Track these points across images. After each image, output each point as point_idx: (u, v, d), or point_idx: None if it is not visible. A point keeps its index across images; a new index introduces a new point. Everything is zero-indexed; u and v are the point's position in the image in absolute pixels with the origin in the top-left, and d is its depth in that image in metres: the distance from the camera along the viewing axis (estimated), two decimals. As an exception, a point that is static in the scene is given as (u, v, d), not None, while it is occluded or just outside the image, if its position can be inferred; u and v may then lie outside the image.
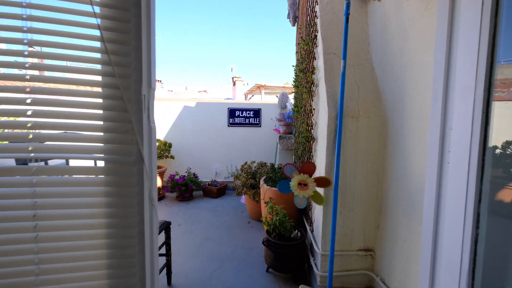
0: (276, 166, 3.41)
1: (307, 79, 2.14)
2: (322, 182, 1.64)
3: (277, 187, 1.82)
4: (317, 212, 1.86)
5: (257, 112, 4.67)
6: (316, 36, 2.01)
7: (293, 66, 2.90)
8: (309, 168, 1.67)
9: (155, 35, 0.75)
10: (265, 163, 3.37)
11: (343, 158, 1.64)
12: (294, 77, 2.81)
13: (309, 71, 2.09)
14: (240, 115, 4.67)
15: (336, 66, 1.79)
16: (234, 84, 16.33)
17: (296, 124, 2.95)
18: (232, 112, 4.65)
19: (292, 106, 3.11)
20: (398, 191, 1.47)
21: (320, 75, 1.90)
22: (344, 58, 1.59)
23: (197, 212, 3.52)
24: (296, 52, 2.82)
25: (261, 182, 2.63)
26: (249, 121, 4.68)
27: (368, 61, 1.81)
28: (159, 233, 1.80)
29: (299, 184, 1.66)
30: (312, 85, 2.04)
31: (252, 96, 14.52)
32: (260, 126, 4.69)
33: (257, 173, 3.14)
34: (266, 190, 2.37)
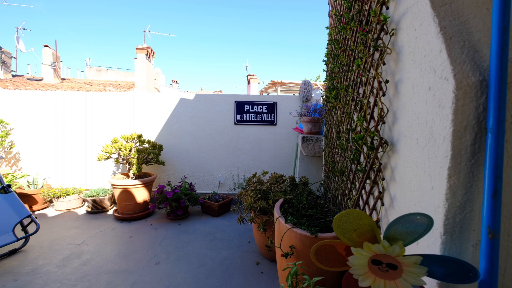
0: (297, 180, 2.39)
1: (366, 28, 1.11)
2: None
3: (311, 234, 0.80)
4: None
5: (271, 107, 3.66)
6: None
7: (326, 27, 1.87)
8: None
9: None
10: (282, 176, 2.35)
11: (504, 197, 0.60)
12: (329, 42, 1.77)
13: (375, 5, 1.05)
14: (250, 110, 3.68)
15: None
16: (248, 82, 15.50)
17: (330, 119, 1.91)
18: (240, 107, 3.67)
19: (323, 92, 2.07)
20: None
21: (405, 6, 0.87)
22: None
23: (189, 240, 2.57)
24: (334, 1, 1.79)
25: (276, 210, 1.61)
26: (261, 117, 3.68)
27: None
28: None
29: (374, 262, 0.64)
30: (382, 34, 1.00)
31: (268, 94, 13.63)
32: (275, 124, 3.67)
33: (271, 191, 2.13)
34: (285, 232, 1.35)
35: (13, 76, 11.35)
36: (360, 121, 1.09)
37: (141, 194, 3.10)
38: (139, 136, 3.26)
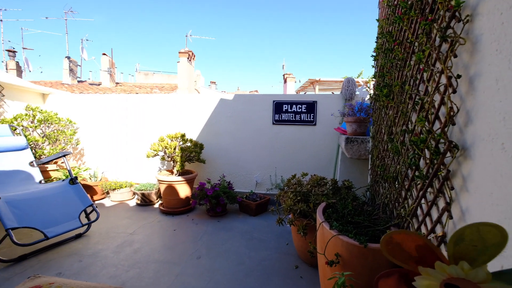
0: (340, 183, 2.26)
1: (430, 17, 0.98)
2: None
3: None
4: None
5: (311, 106, 3.55)
6: None
7: (376, 20, 1.72)
8: None
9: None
10: (323, 178, 2.26)
11: None
12: (379, 35, 1.63)
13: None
14: (289, 110, 3.62)
15: None
16: (285, 81, 15.38)
17: (380, 119, 1.76)
18: (278, 106, 3.64)
19: (371, 90, 1.93)
20: None
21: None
22: None
23: (227, 238, 2.63)
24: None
25: (319, 214, 1.55)
26: (300, 117, 3.59)
27: None
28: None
29: (448, 286, 0.55)
30: (453, 22, 0.88)
31: (305, 93, 13.32)
32: (314, 125, 3.55)
33: (311, 193, 2.06)
34: (329, 239, 1.29)
35: (78, 81, 13.07)
36: (422, 122, 0.97)
37: (183, 190, 3.28)
38: (183, 135, 3.46)
